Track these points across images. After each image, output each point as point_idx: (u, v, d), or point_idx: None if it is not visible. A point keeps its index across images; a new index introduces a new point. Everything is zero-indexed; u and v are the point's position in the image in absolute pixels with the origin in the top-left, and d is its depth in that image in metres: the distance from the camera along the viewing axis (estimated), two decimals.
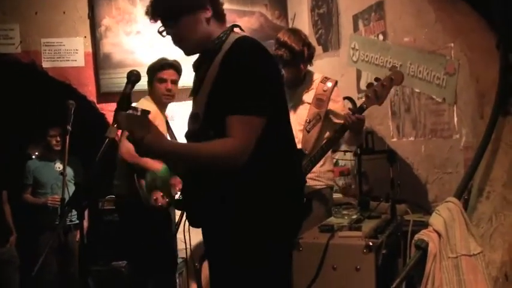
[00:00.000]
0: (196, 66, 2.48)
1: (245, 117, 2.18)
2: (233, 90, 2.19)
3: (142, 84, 3.79)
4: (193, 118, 2.40)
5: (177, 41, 2.40)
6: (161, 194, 4.22)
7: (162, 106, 4.35)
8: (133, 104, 2.27)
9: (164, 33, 2.41)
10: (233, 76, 2.21)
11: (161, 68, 4.29)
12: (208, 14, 2.36)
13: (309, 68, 3.83)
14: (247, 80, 2.20)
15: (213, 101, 2.27)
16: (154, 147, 2.15)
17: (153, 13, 2.39)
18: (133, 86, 2.34)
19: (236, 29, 2.45)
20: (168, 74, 4.30)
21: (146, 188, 4.18)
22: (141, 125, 2.13)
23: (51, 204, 5.31)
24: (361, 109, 3.41)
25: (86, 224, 5.30)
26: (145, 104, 4.16)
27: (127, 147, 4.04)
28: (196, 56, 2.49)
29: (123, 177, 4.23)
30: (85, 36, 5.76)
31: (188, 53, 2.44)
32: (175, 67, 4.32)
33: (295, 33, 3.71)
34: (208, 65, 2.35)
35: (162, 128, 4.33)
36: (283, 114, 2.40)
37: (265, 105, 2.23)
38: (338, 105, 3.77)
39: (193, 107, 2.46)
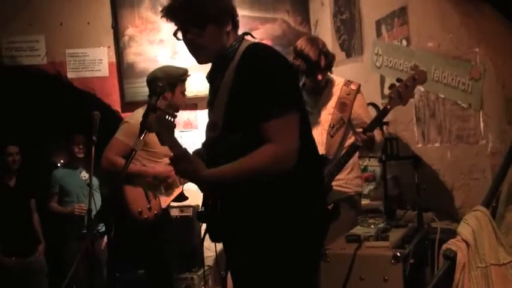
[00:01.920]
0: (211, 76, 2.48)
1: (281, 120, 2.16)
2: (259, 95, 2.18)
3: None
4: (211, 127, 2.40)
5: (195, 48, 2.38)
6: (148, 205, 4.16)
7: None
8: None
9: (179, 36, 2.40)
10: (255, 80, 2.20)
11: (185, 80, 4.30)
12: (230, 27, 2.38)
13: (331, 75, 3.81)
14: (271, 82, 2.20)
15: (232, 109, 2.27)
16: (197, 178, 2.16)
17: (177, 16, 2.37)
18: (159, 98, 2.36)
19: (247, 37, 2.45)
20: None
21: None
22: (171, 130, 2.16)
23: (78, 213, 5.35)
24: (385, 111, 3.38)
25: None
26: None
27: (108, 156, 4.08)
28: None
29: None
30: (109, 46, 5.81)
31: (203, 61, 2.42)
32: None
33: (313, 42, 3.64)
34: (223, 73, 2.35)
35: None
36: (305, 116, 2.39)
37: (295, 102, 2.24)
38: (362, 111, 3.74)
39: (210, 116, 2.45)
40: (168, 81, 4.17)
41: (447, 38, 3.66)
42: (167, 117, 2.22)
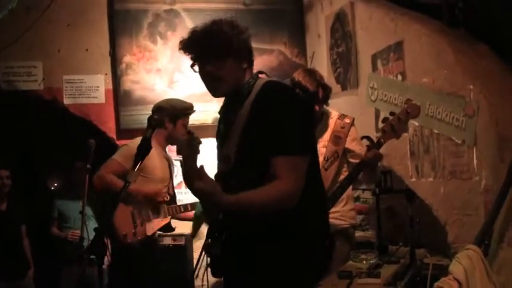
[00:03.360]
0: (224, 111, 2.52)
1: (291, 158, 2.20)
2: (273, 131, 2.21)
3: None
4: (223, 160, 2.42)
5: (213, 80, 2.39)
6: (133, 230, 4.15)
7: (164, 147, 4.40)
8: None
9: (196, 68, 2.42)
10: (271, 117, 2.23)
11: (189, 114, 4.35)
12: (246, 64, 2.41)
13: (326, 107, 3.83)
14: (287, 119, 2.23)
15: (245, 143, 2.29)
16: (210, 198, 2.15)
17: (198, 47, 2.39)
18: (153, 131, 2.37)
19: (262, 75, 2.48)
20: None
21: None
22: (195, 154, 2.17)
23: (71, 239, 5.41)
24: (379, 144, 3.40)
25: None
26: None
27: (101, 174, 4.09)
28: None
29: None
30: (106, 74, 5.83)
31: (219, 94, 2.44)
32: None
33: (311, 74, 3.69)
34: (238, 108, 2.37)
35: (166, 170, 4.35)
36: (316, 155, 2.42)
37: (308, 144, 2.29)
38: (355, 144, 3.76)
39: (222, 149, 2.46)
40: (171, 113, 4.24)
41: (442, 74, 3.70)
42: (195, 142, 2.23)
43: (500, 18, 3.45)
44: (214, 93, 2.44)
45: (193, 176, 2.12)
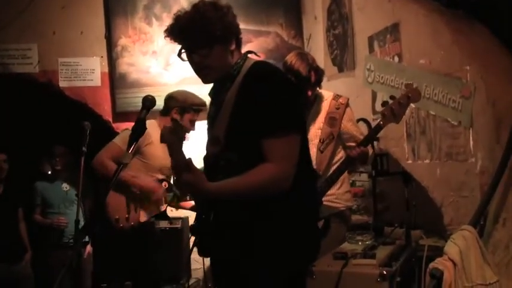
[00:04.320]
0: (214, 92, 2.51)
1: (282, 139, 2.19)
2: (262, 113, 2.20)
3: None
4: (212, 141, 2.41)
5: (202, 68, 2.38)
6: (126, 215, 4.16)
7: None
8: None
9: (184, 57, 2.40)
10: (258, 98, 2.22)
11: (198, 111, 4.25)
12: (234, 45, 2.39)
13: (319, 90, 3.80)
14: (274, 100, 2.22)
15: (234, 125, 2.28)
16: (198, 189, 2.16)
17: (182, 37, 2.37)
18: (148, 112, 2.35)
19: (251, 55, 2.47)
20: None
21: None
22: (180, 141, 2.16)
23: (57, 226, 5.39)
24: (378, 128, 3.37)
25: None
26: (152, 129, 4.18)
27: (100, 158, 4.11)
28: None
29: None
30: (101, 56, 5.80)
31: (208, 81, 2.43)
32: None
33: (303, 57, 3.62)
34: (227, 90, 2.37)
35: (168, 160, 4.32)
36: (305, 134, 2.41)
37: (297, 123, 2.27)
38: (350, 125, 3.74)
39: (211, 131, 2.46)
40: (181, 105, 4.20)
41: (439, 55, 3.68)
42: (179, 129, 2.23)
43: None
44: (204, 80, 2.43)
45: (182, 168, 2.12)
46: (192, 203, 4.23)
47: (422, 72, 3.82)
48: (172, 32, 2.39)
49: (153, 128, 4.14)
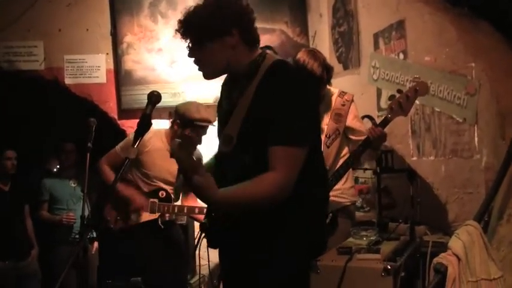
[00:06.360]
0: (229, 87, 2.45)
1: (289, 149, 2.15)
2: (276, 119, 2.15)
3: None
4: (225, 140, 2.35)
5: (197, 64, 2.37)
6: (117, 217, 4.23)
7: None
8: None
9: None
10: (275, 103, 2.16)
11: (198, 126, 4.15)
12: (235, 39, 2.28)
13: (328, 87, 3.82)
14: (291, 108, 2.16)
15: (249, 125, 2.24)
16: (203, 193, 2.13)
17: (181, 33, 2.36)
18: (153, 107, 2.34)
19: (269, 52, 2.40)
20: None
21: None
22: (190, 157, 2.13)
23: (66, 222, 5.40)
24: (386, 121, 3.38)
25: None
26: (157, 142, 4.23)
27: (99, 163, 4.27)
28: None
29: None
30: (107, 53, 5.82)
31: (207, 77, 2.39)
32: None
33: (315, 56, 3.61)
34: (244, 88, 2.30)
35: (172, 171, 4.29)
36: (319, 139, 2.40)
37: (308, 136, 2.23)
38: (355, 122, 3.76)
39: (224, 129, 2.39)
40: (181, 120, 4.16)
41: (444, 52, 3.68)
42: (189, 144, 2.21)
43: None
44: (204, 77, 2.39)
45: (192, 171, 2.08)
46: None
47: (427, 69, 3.82)
48: (178, 29, 2.38)
49: (151, 136, 4.17)
